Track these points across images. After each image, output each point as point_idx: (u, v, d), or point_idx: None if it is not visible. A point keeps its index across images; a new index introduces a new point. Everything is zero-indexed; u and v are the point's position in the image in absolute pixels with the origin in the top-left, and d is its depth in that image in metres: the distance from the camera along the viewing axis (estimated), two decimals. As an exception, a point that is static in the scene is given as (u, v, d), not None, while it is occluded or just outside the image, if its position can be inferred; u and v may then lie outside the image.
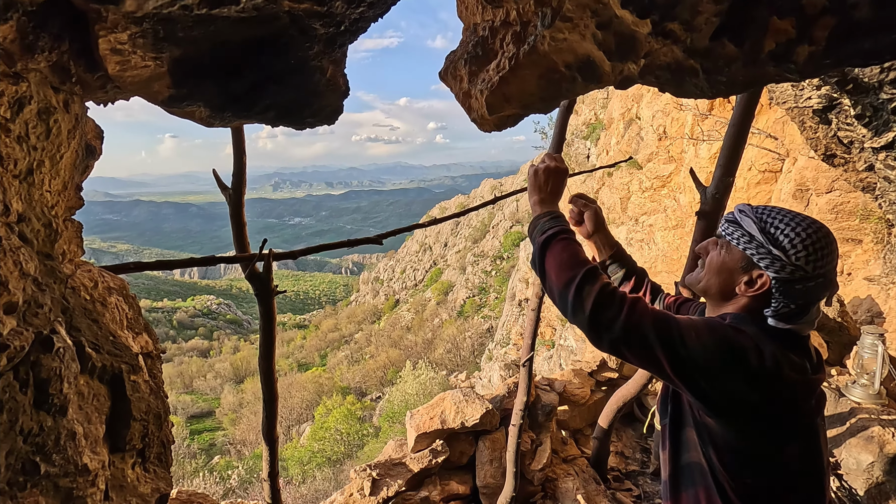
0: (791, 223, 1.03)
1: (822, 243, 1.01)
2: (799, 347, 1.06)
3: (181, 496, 2.22)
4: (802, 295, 1.02)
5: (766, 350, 0.98)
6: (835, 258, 1.03)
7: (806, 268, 1.00)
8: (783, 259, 1.01)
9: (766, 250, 1.04)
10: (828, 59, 0.80)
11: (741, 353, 0.97)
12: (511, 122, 1.48)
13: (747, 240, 1.07)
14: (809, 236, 1.01)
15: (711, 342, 0.97)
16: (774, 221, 1.05)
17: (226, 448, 25.32)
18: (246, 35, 1.07)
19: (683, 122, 9.17)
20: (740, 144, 2.55)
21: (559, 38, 1.13)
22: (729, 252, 1.12)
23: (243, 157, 1.89)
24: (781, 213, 1.07)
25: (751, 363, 0.96)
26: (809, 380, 1.04)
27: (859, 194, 4.86)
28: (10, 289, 0.78)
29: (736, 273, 1.10)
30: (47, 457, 0.84)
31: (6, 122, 0.91)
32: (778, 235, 1.03)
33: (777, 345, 1.01)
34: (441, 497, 3.19)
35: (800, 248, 1.00)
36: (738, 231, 1.10)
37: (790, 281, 1.02)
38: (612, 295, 1.04)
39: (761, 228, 1.06)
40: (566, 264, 1.11)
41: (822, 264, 1.01)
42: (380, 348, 38.02)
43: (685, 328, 0.99)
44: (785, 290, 1.03)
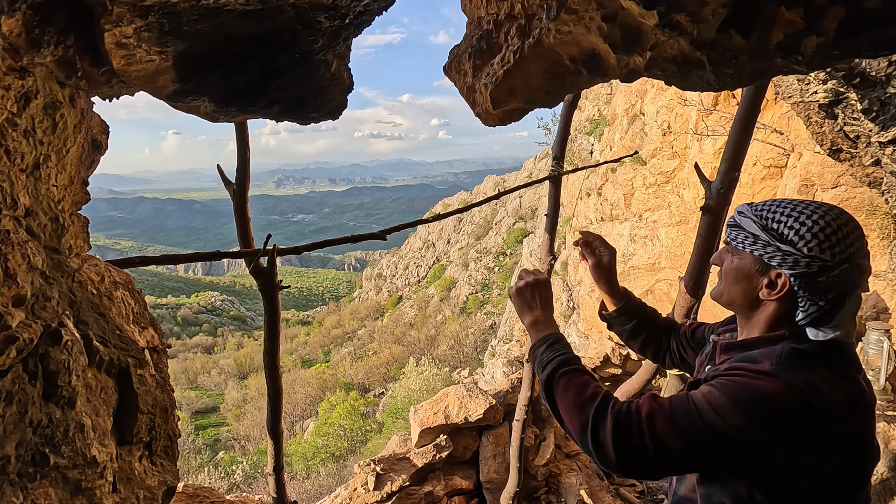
0: (793, 213, 0.95)
1: (834, 226, 0.91)
2: (850, 364, 0.94)
3: (187, 490, 2.24)
4: (829, 288, 0.92)
5: (816, 398, 0.87)
6: (857, 239, 0.92)
7: (822, 257, 0.90)
8: (794, 253, 0.92)
9: (773, 248, 0.95)
10: (836, 50, 0.79)
11: (781, 412, 0.86)
12: (515, 117, 1.47)
13: (752, 241, 1.00)
14: (817, 223, 0.92)
15: (746, 420, 0.86)
16: (775, 216, 0.97)
17: (230, 443, 25.47)
18: (250, 29, 1.07)
19: (688, 117, 9.12)
20: (746, 139, 2.53)
21: (564, 31, 1.13)
22: (740, 257, 1.04)
23: (247, 152, 1.89)
24: (781, 204, 0.98)
25: (796, 422, 0.85)
26: (867, 407, 0.93)
27: (865, 190, 4.83)
28: (19, 282, 0.78)
29: (753, 278, 1.01)
30: (56, 448, 0.85)
31: (13, 117, 0.91)
32: (782, 229, 0.95)
33: (829, 375, 0.90)
34: (445, 492, 3.21)
35: (809, 238, 0.91)
36: (742, 233, 1.02)
37: (810, 275, 0.91)
38: (628, 424, 0.93)
39: (763, 226, 0.98)
40: (574, 407, 1.02)
41: (840, 249, 0.90)
42: (383, 344, 38.11)
43: (711, 415, 0.88)
44: (808, 286, 0.93)
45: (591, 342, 12.86)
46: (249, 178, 1.94)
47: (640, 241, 10.84)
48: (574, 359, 1.14)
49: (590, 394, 1.02)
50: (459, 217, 52.97)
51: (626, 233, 11.36)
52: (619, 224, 12.01)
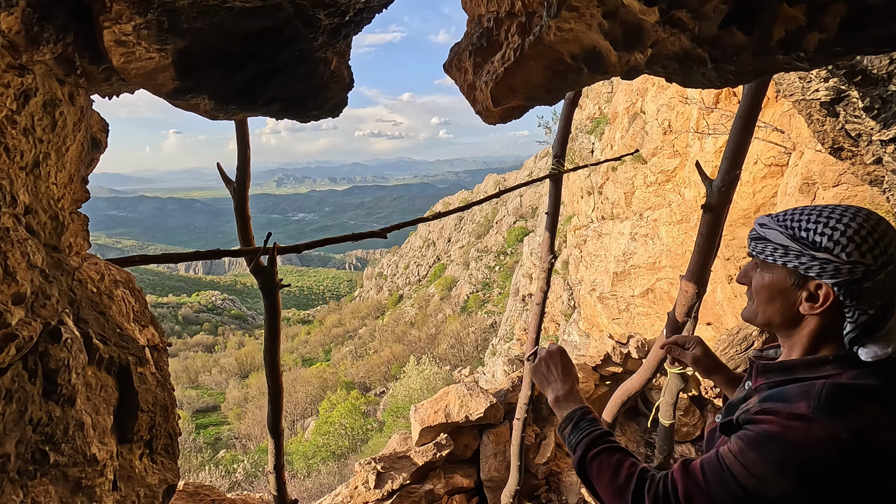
0: (822, 219, 0.88)
1: (869, 228, 0.84)
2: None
3: (188, 488, 2.25)
4: (877, 294, 0.84)
5: (866, 447, 0.76)
6: (892, 239, 0.85)
7: (864, 261, 0.83)
8: (834, 260, 0.85)
9: (808, 257, 0.88)
10: (839, 46, 0.79)
11: (827, 472, 0.76)
12: (516, 115, 1.47)
13: (782, 253, 0.92)
14: (849, 226, 0.85)
15: (790, 484, 0.78)
16: (802, 223, 0.90)
17: (231, 442, 25.53)
18: (250, 26, 1.07)
19: (689, 115, 9.11)
20: (747, 137, 2.52)
21: (565, 28, 1.12)
22: (771, 272, 0.95)
23: (247, 150, 1.89)
24: (806, 212, 0.92)
25: (845, 478, 0.76)
26: None
27: (867, 188, 4.82)
28: (19, 279, 0.78)
29: (790, 293, 0.92)
30: (56, 446, 0.84)
31: (12, 114, 0.91)
32: (813, 237, 0.88)
33: (881, 413, 0.79)
34: (445, 490, 3.21)
35: (846, 243, 0.84)
36: (769, 246, 0.95)
37: (855, 282, 0.84)
38: (664, 494, 0.88)
39: (791, 235, 0.91)
40: (611, 492, 0.98)
41: (881, 251, 0.83)
42: (384, 343, 38.16)
43: (749, 481, 0.80)
44: (853, 293, 0.85)
45: (592, 341, 12.86)
46: (250, 176, 1.94)
47: (640, 240, 10.84)
48: (602, 436, 1.09)
49: (624, 477, 0.97)
50: (460, 216, 52.98)
51: (627, 231, 11.36)
52: (619, 223, 12.01)
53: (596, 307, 12.75)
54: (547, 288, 3.05)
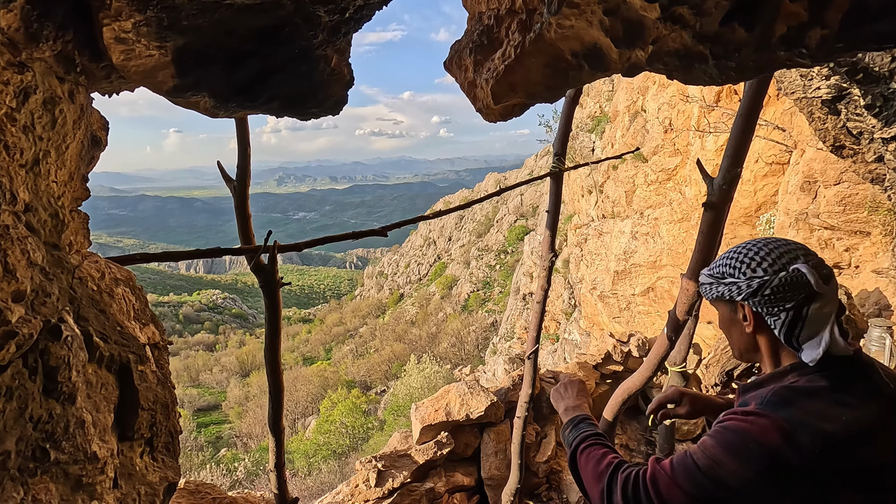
0: (727, 255, 1.11)
1: (756, 248, 1.05)
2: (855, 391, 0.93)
3: (189, 486, 2.25)
4: (781, 297, 0.99)
5: (803, 434, 0.87)
6: (785, 252, 1.02)
7: (756, 274, 1.02)
8: (736, 279, 1.05)
9: (725, 285, 1.08)
10: (841, 42, 0.78)
11: (772, 455, 0.87)
12: (517, 112, 1.47)
13: (708, 287, 1.14)
14: (739, 251, 1.08)
15: (742, 465, 0.89)
16: (719, 262, 1.13)
17: (232, 441, 25.56)
18: (250, 23, 1.06)
19: (689, 114, 9.09)
20: (748, 135, 2.52)
21: (566, 25, 1.12)
22: (718, 309, 1.16)
23: (247, 148, 1.89)
24: (724, 253, 1.14)
25: (790, 463, 0.86)
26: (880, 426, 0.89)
27: (868, 186, 4.81)
28: (19, 277, 0.78)
29: (734, 320, 1.11)
30: (57, 444, 0.84)
31: (12, 112, 0.91)
32: (721, 270, 1.10)
33: (821, 407, 0.91)
34: (446, 488, 3.21)
35: (737, 265, 1.06)
36: (706, 290, 1.15)
37: (756, 292, 1.01)
38: (636, 488, 0.99)
39: (711, 275, 1.14)
40: (592, 477, 1.11)
41: (769, 263, 1.01)
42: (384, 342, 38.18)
43: (707, 464, 0.92)
44: (761, 302, 1.01)
45: (593, 339, 12.86)
46: (250, 174, 1.93)
47: (641, 239, 10.83)
48: (595, 434, 1.23)
49: (605, 464, 1.10)
50: (461, 215, 52.96)
51: (628, 230, 11.35)
52: (620, 221, 12.00)
53: (597, 306, 12.75)
54: (548, 286, 3.05)
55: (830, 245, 5.73)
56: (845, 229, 5.47)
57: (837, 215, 5.38)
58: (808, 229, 5.81)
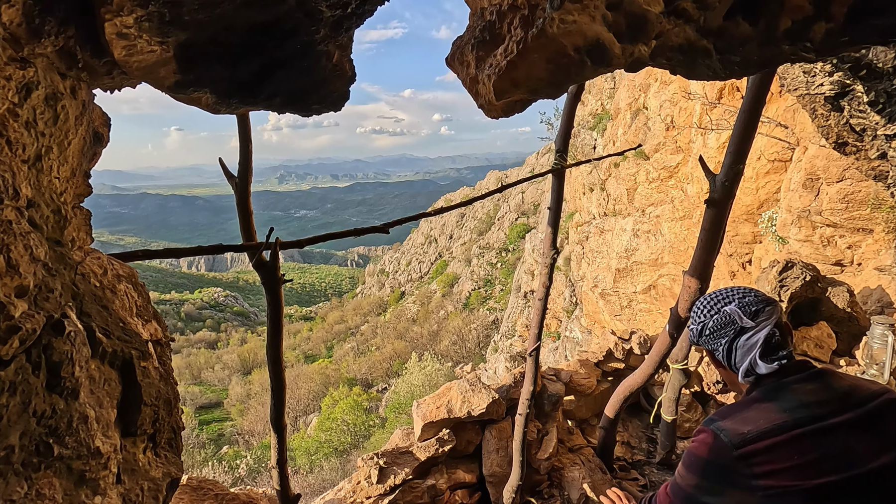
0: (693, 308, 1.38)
1: (707, 298, 1.31)
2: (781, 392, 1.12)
3: (191, 483, 2.25)
4: (717, 335, 1.24)
5: (724, 436, 1.07)
6: (720, 300, 1.27)
7: (700, 319, 1.29)
8: (692, 326, 1.32)
9: (689, 332, 1.35)
10: (845, 36, 0.78)
11: (705, 461, 1.11)
12: (519, 108, 1.46)
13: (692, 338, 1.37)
14: (699, 302, 1.33)
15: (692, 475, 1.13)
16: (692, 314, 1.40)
17: (234, 438, 25.64)
18: (252, 19, 1.06)
19: (692, 111, 9.06)
20: (751, 131, 2.51)
21: (568, 20, 1.11)
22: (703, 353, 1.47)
23: (249, 145, 1.88)
24: None
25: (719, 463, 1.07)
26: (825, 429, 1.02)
27: (871, 183, 4.80)
28: (22, 272, 0.78)
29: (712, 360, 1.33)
30: (60, 439, 0.85)
31: (14, 107, 0.91)
32: (689, 319, 1.52)
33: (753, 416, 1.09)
34: (448, 485, 3.22)
35: (693, 315, 1.33)
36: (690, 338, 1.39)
37: (700, 333, 1.28)
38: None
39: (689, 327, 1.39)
40: None
41: (707, 309, 1.28)
42: (386, 340, 38.22)
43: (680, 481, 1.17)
44: (706, 341, 1.27)
45: (594, 337, 12.85)
46: (252, 170, 1.93)
47: (643, 236, 10.81)
48: None
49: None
50: (462, 213, 52.93)
51: (629, 228, 11.33)
52: (622, 219, 11.98)
53: (598, 304, 12.74)
54: (549, 283, 3.05)
55: (833, 242, 5.71)
56: (848, 226, 5.45)
57: (840, 212, 5.37)
58: (810, 227, 5.80)
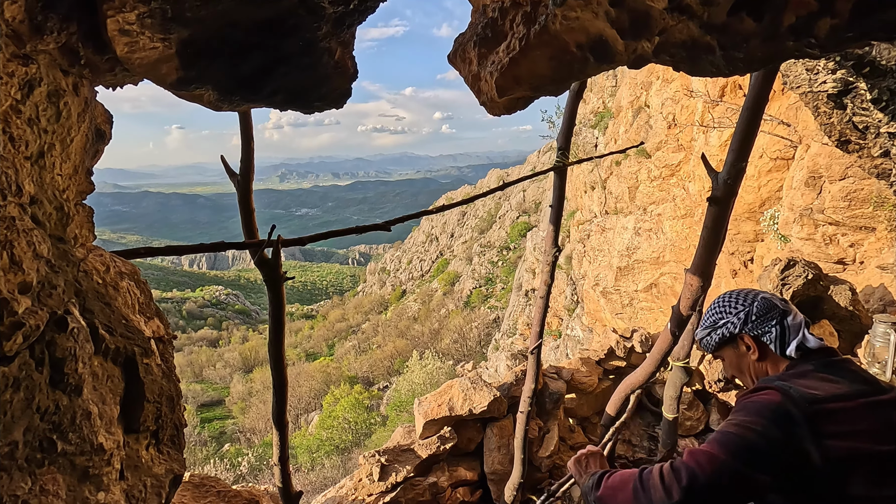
0: (709, 311, 1.43)
1: (728, 296, 1.39)
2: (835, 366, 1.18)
3: (194, 479, 2.26)
4: (764, 318, 1.30)
5: (794, 393, 1.09)
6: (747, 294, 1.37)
7: (738, 307, 1.35)
8: (728, 320, 1.36)
9: (721, 328, 1.38)
10: (851, 32, 0.77)
11: (779, 407, 1.08)
12: (521, 105, 1.46)
13: (714, 338, 1.40)
14: (719, 302, 1.41)
15: (760, 420, 1.08)
16: (706, 319, 1.44)
17: (236, 436, 25.69)
18: (254, 15, 1.06)
19: (693, 109, 9.04)
20: (753, 129, 2.50)
21: (571, 16, 1.11)
22: (722, 355, 1.43)
23: (251, 142, 1.88)
24: (705, 313, 1.46)
25: (795, 415, 1.06)
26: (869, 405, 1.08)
27: (873, 181, 4.78)
28: (25, 268, 0.78)
29: (741, 355, 1.37)
30: (63, 435, 0.85)
31: (17, 104, 0.91)
32: (713, 320, 1.41)
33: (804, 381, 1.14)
34: (449, 483, 3.22)
35: (722, 310, 1.38)
36: (708, 342, 1.43)
37: (746, 320, 1.32)
38: (675, 470, 1.08)
39: (706, 327, 1.43)
40: (621, 486, 1.17)
41: (741, 300, 1.35)
42: (387, 338, 38.25)
43: (743, 429, 1.08)
44: (754, 326, 1.31)
45: (595, 335, 12.85)
46: (253, 168, 1.93)
47: (644, 235, 10.80)
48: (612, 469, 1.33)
49: (630, 472, 1.20)
50: (463, 211, 52.92)
51: (631, 226, 11.32)
52: (623, 217, 11.97)
53: (599, 302, 12.73)
54: (551, 281, 3.05)
55: (835, 241, 5.70)
56: (850, 225, 5.44)
57: (842, 211, 5.35)
58: (812, 225, 5.78)
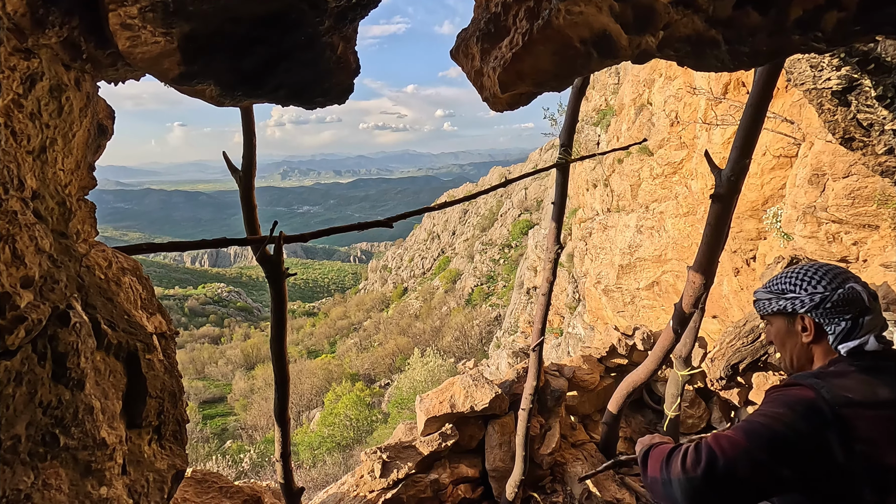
0: (788, 273, 1.28)
1: (814, 269, 1.24)
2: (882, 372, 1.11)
3: (196, 475, 2.27)
4: (841, 310, 1.16)
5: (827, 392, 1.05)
6: (839, 274, 1.21)
7: (817, 290, 1.19)
8: (797, 294, 1.23)
9: (786, 300, 1.25)
10: (858, 25, 0.77)
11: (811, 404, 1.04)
12: (524, 101, 1.45)
13: (767, 303, 1.30)
14: (797, 272, 1.26)
15: (790, 412, 1.04)
16: (776, 281, 1.30)
17: (237, 433, 25.76)
18: (256, 10, 1.05)
19: (696, 106, 9.00)
20: (757, 125, 2.49)
21: (575, 11, 1.10)
22: (772, 322, 1.32)
23: (253, 138, 1.88)
24: (779, 273, 1.31)
25: (825, 412, 1.02)
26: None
27: (877, 179, 4.76)
28: (27, 263, 0.78)
29: (790, 332, 1.27)
30: (66, 430, 0.85)
31: (19, 98, 0.90)
32: (782, 287, 1.27)
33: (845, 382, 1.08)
34: (451, 480, 3.22)
35: (798, 282, 1.23)
36: (764, 305, 1.32)
37: (819, 305, 1.19)
38: (698, 450, 1.07)
39: (769, 290, 1.31)
40: (656, 458, 1.18)
41: (827, 281, 1.19)
42: (388, 336, 38.28)
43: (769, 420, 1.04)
44: (823, 314, 1.18)
45: (597, 333, 12.84)
46: (255, 164, 1.93)
47: (646, 233, 10.78)
48: (664, 441, 1.31)
49: (669, 447, 1.20)
50: (464, 209, 52.87)
51: (633, 224, 11.30)
52: (625, 215, 11.94)
53: (601, 300, 12.72)
54: (553, 278, 3.04)
55: (838, 239, 5.68)
56: (853, 223, 5.41)
57: (846, 209, 5.32)
58: (815, 223, 5.76)
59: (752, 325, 4.27)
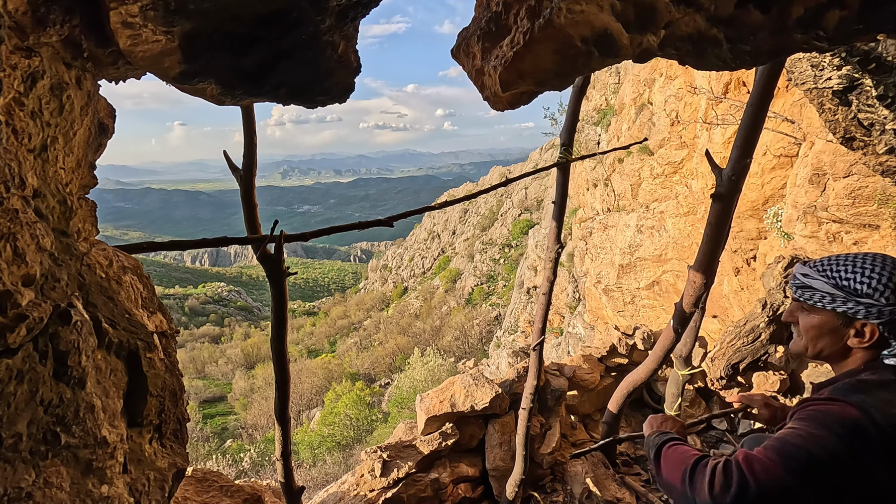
0: (858, 269, 1.08)
1: (891, 268, 1.06)
2: None
3: (196, 474, 2.27)
4: None
5: (875, 413, 0.96)
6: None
7: (885, 292, 1.04)
8: (876, 304, 1.05)
9: (854, 303, 1.08)
10: (859, 24, 0.77)
11: (855, 426, 0.95)
12: (525, 100, 1.45)
13: (830, 300, 1.12)
14: (882, 274, 1.06)
15: (829, 434, 0.96)
16: (842, 273, 1.10)
17: (238, 432, 25.77)
18: (257, 8, 1.05)
19: (697, 106, 9.00)
20: (758, 125, 2.49)
21: (576, 10, 1.10)
22: (819, 314, 1.15)
23: (254, 137, 1.88)
24: (846, 261, 1.12)
25: (870, 434, 0.94)
26: None
27: (878, 178, 4.75)
28: (28, 261, 0.78)
29: (838, 331, 1.12)
30: (67, 428, 0.85)
31: (20, 96, 0.90)
32: (855, 286, 1.08)
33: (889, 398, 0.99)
34: (451, 479, 3.22)
35: (883, 290, 1.05)
36: (816, 294, 1.15)
37: (883, 314, 1.05)
38: (727, 471, 1.00)
39: (835, 285, 1.11)
40: (676, 464, 1.12)
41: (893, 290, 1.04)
42: (388, 335, 38.30)
43: (804, 441, 0.96)
44: (889, 324, 1.05)
45: (597, 332, 12.85)
46: (256, 163, 1.93)
47: (647, 232, 10.78)
48: (681, 440, 1.24)
49: (690, 454, 1.12)
50: (465, 208, 52.87)
51: (633, 223, 11.29)
52: (626, 215, 11.94)
53: (601, 299, 12.72)
54: (553, 278, 3.04)
55: (839, 238, 5.68)
56: (854, 222, 5.41)
57: (846, 208, 5.32)
58: (816, 222, 5.76)
59: (753, 324, 4.27)
